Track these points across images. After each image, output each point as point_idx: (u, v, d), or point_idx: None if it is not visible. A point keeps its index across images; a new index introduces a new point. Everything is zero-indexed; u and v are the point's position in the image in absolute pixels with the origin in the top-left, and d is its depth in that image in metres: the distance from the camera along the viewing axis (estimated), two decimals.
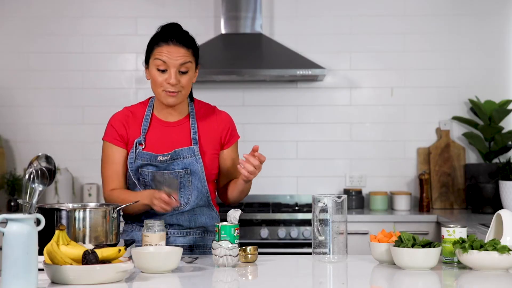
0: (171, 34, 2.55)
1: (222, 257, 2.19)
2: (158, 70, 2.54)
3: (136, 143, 2.58)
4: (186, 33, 2.60)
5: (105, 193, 2.64)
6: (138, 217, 2.63)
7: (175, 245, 2.53)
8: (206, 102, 2.74)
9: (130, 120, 2.62)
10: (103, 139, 2.64)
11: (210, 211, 2.65)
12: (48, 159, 2.15)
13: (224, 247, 2.19)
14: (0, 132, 4.69)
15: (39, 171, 2.10)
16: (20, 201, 2.29)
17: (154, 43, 2.57)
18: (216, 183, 2.72)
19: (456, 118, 4.64)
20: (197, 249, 2.64)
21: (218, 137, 2.66)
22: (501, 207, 4.07)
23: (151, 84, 2.58)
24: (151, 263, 2.09)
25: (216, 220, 2.67)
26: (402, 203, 4.44)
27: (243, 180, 2.54)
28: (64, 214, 2.26)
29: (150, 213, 2.56)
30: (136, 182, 2.59)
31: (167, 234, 2.55)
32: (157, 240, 2.30)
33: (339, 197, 2.30)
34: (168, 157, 2.55)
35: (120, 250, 2.00)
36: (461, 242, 2.17)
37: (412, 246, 2.16)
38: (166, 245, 2.39)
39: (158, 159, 2.55)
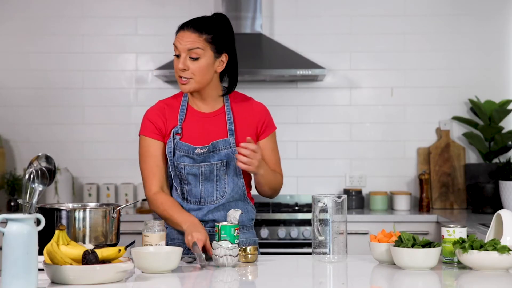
0: (188, 22, 2.57)
1: (222, 257, 2.19)
2: (175, 56, 2.55)
3: (173, 133, 2.56)
4: (209, 19, 2.58)
5: (148, 194, 2.57)
6: None
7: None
8: (242, 93, 2.72)
9: (166, 112, 2.61)
10: (139, 135, 2.60)
11: (246, 205, 2.62)
12: (48, 159, 2.15)
13: (224, 247, 2.19)
14: (0, 132, 4.69)
15: (39, 171, 2.10)
16: (20, 201, 2.29)
17: (177, 30, 2.58)
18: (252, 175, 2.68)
19: (456, 118, 4.64)
20: None
21: (254, 128, 2.63)
22: (501, 207, 4.07)
23: None
24: (151, 263, 2.09)
25: (252, 214, 2.65)
26: (402, 203, 4.44)
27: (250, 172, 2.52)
28: (64, 214, 2.26)
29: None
30: (173, 173, 2.57)
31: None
32: (157, 240, 2.30)
33: (339, 197, 2.30)
34: (206, 150, 2.54)
35: (120, 250, 2.00)
36: (461, 242, 2.17)
37: (412, 246, 2.16)
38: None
39: (196, 151, 2.53)
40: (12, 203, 4.42)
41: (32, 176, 2.10)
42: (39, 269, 1.86)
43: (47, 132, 4.72)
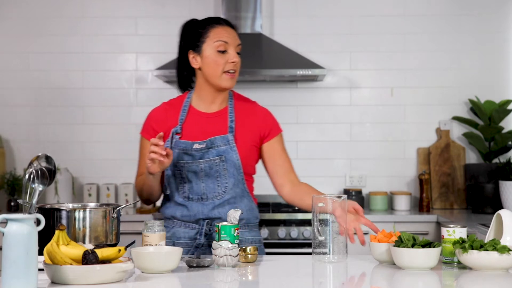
0: (221, 18, 2.65)
1: (222, 257, 2.19)
2: (219, 51, 2.57)
3: (172, 133, 2.60)
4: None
5: (135, 181, 2.73)
6: (174, 213, 2.62)
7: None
8: (246, 97, 2.76)
9: (168, 113, 2.65)
10: (139, 134, 2.70)
11: (250, 202, 2.64)
12: (48, 159, 2.15)
13: (224, 247, 2.19)
14: (0, 132, 4.69)
15: (39, 171, 2.10)
16: (20, 201, 2.29)
17: (208, 26, 2.59)
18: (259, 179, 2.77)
19: (456, 118, 4.64)
20: (240, 243, 2.58)
21: (257, 131, 2.65)
22: (501, 207, 4.07)
23: (206, 69, 2.59)
24: (151, 263, 2.09)
25: (256, 212, 2.67)
26: (402, 203, 4.44)
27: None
28: (64, 214, 2.26)
29: (187, 208, 2.59)
30: (171, 172, 2.60)
31: (209, 230, 2.56)
32: (157, 240, 2.30)
33: (339, 197, 2.30)
34: (204, 145, 2.56)
35: (120, 250, 2.00)
36: (461, 242, 2.17)
37: (412, 246, 2.16)
38: (210, 240, 2.43)
39: (194, 147, 2.55)
40: (12, 203, 4.42)
41: (32, 176, 2.10)
42: (39, 269, 1.86)
43: (47, 132, 4.72)
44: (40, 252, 1.89)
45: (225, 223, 2.32)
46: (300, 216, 4.10)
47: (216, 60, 2.57)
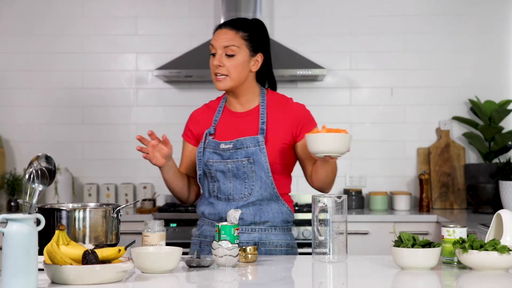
0: (227, 21, 2.63)
1: (222, 257, 2.19)
2: (211, 54, 2.59)
3: (206, 134, 2.63)
4: (246, 19, 2.64)
5: None
6: (203, 210, 2.64)
7: (239, 243, 2.55)
8: (282, 94, 2.71)
9: (205, 114, 2.70)
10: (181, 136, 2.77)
11: (280, 206, 2.61)
12: (48, 159, 2.15)
13: (224, 247, 2.19)
14: (0, 132, 4.69)
15: (39, 171, 2.10)
16: (20, 201, 2.29)
17: (214, 30, 2.64)
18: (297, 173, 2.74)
19: (456, 118, 4.64)
20: (262, 246, 2.58)
21: (289, 129, 2.61)
22: (501, 207, 4.07)
23: None
24: (151, 263, 2.09)
25: (287, 216, 2.63)
26: (402, 203, 4.43)
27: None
28: (64, 214, 2.26)
29: (214, 206, 2.61)
30: (202, 172, 2.63)
31: None
32: (157, 240, 2.30)
33: (339, 197, 2.30)
34: (231, 146, 2.56)
35: (120, 250, 2.00)
36: (461, 242, 2.17)
37: (412, 246, 2.16)
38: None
39: (220, 146, 2.56)
40: (12, 203, 4.42)
41: (32, 176, 2.10)
42: (39, 269, 1.86)
43: (47, 132, 4.72)
44: (40, 252, 1.89)
45: (225, 223, 2.32)
46: (300, 216, 4.10)
47: (210, 63, 2.61)
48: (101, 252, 1.97)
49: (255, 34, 2.60)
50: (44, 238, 2.09)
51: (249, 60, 2.59)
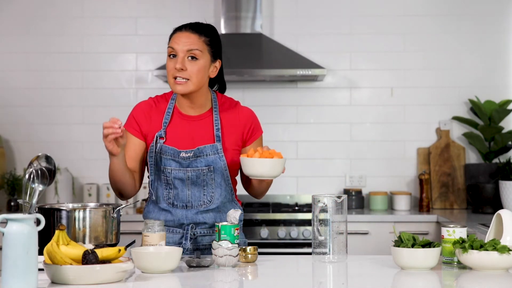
0: (186, 24, 2.56)
1: (222, 257, 2.19)
2: (169, 57, 2.53)
3: (156, 137, 2.55)
4: (205, 24, 2.58)
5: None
6: (157, 218, 2.58)
7: (202, 245, 2.55)
8: (230, 97, 2.69)
9: (152, 111, 2.60)
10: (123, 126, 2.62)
11: (234, 207, 2.62)
12: (48, 159, 2.15)
13: (224, 247, 2.19)
14: (0, 132, 4.69)
15: (39, 171, 2.10)
16: (20, 201, 2.29)
17: (172, 33, 2.57)
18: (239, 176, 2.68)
19: (456, 118, 4.64)
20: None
21: (240, 134, 2.61)
22: (501, 207, 4.07)
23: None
24: (151, 263, 2.09)
25: (241, 215, 2.63)
26: (402, 203, 4.43)
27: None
28: (64, 214, 2.26)
29: (171, 214, 2.57)
30: (156, 177, 2.57)
31: (194, 234, 2.55)
32: (157, 240, 2.30)
33: (339, 197, 2.30)
34: (191, 154, 2.53)
35: (120, 250, 2.00)
36: (461, 242, 2.17)
37: (412, 246, 2.16)
38: (196, 244, 2.44)
39: (181, 155, 2.52)
40: (12, 203, 4.42)
41: (32, 176, 2.10)
42: (39, 269, 1.86)
43: (47, 132, 4.72)
44: (40, 252, 1.89)
45: (225, 223, 2.32)
46: (300, 216, 4.10)
47: (167, 65, 2.53)
48: (101, 252, 1.97)
49: (215, 39, 2.57)
50: (44, 238, 2.09)
51: (209, 65, 2.55)
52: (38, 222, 1.85)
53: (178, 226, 2.57)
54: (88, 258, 1.92)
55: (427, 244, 2.17)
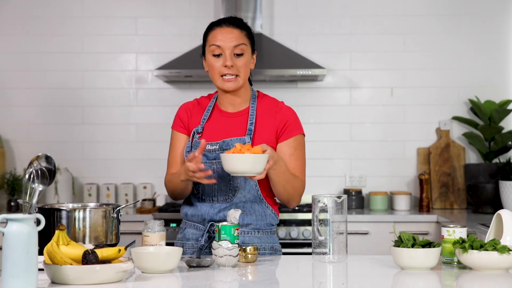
0: (224, 19, 2.57)
1: (222, 257, 2.19)
2: (214, 55, 2.53)
3: (194, 132, 2.58)
4: (238, 18, 2.60)
5: (165, 178, 2.65)
6: (186, 211, 2.61)
7: (239, 243, 2.54)
8: (273, 97, 2.68)
9: (195, 109, 2.64)
10: (171, 128, 2.67)
11: (264, 209, 2.59)
12: (48, 159, 2.16)
13: (224, 247, 2.19)
14: (0, 132, 4.69)
15: (39, 171, 2.10)
16: (20, 201, 2.29)
17: (208, 30, 2.56)
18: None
19: (456, 118, 4.64)
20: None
21: (274, 130, 2.57)
22: (501, 207, 4.07)
23: (209, 73, 2.56)
24: (151, 263, 2.09)
25: (271, 219, 2.61)
26: (402, 203, 4.44)
27: None
28: (64, 214, 2.26)
29: (197, 208, 2.57)
30: None
31: (213, 232, 2.53)
32: (157, 240, 2.30)
33: (339, 197, 2.30)
34: (217, 147, 2.53)
35: (120, 250, 2.00)
36: (461, 242, 2.17)
37: (412, 246, 2.16)
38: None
39: (207, 148, 2.52)
40: (12, 203, 4.42)
41: (32, 176, 2.10)
42: (39, 269, 1.86)
43: (47, 132, 4.72)
44: (40, 252, 1.89)
45: (225, 223, 2.32)
46: (300, 216, 4.10)
47: (212, 64, 2.53)
48: (101, 252, 1.97)
49: (251, 32, 2.61)
50: (44, 238, 2.09)
51: (251, 58, 2.60)
52: (38, 222, 1.85)
53: (200, 222, 2.58)
54: (88, 258, 1.92)
55: (427, 244, 2.17)
